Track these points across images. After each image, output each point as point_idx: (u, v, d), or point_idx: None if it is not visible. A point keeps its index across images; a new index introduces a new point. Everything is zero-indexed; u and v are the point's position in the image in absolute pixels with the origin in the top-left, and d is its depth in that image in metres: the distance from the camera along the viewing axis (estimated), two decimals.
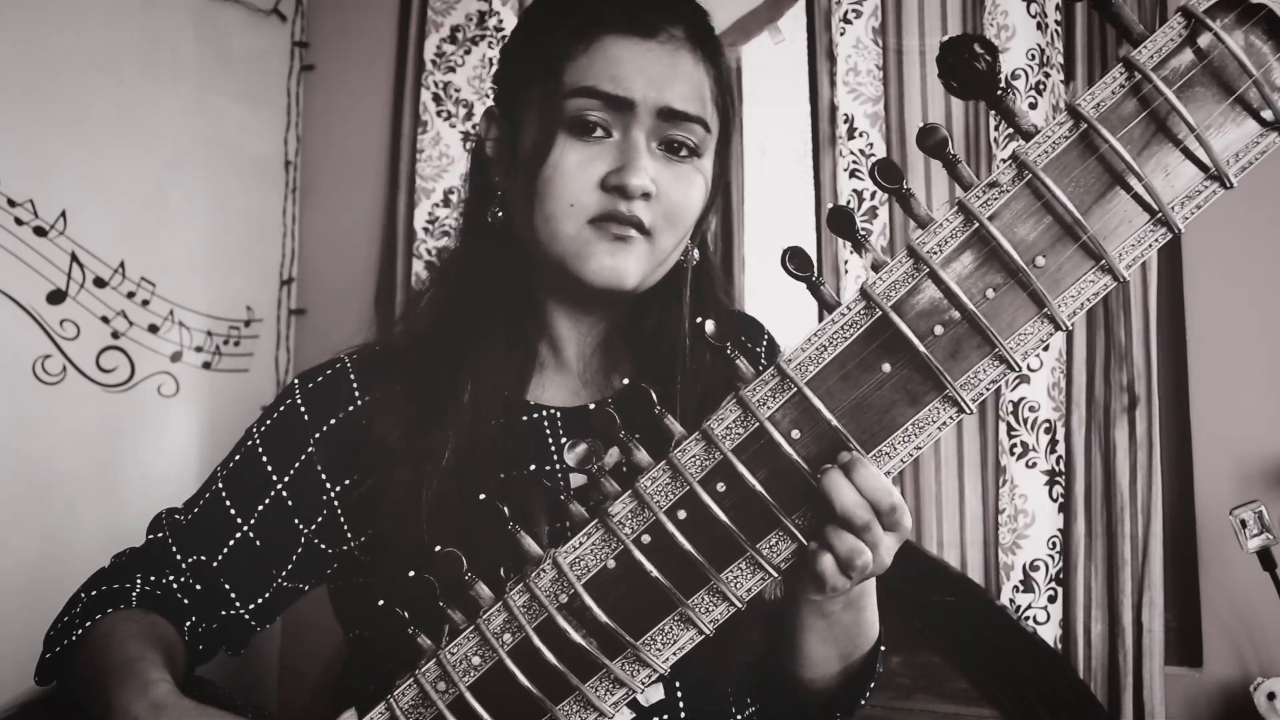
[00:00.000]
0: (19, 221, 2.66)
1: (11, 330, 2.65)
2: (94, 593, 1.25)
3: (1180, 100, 0.78)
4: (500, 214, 1.30)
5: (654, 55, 1.23)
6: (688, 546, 0.89)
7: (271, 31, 3.33)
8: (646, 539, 0.90)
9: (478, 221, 1.33)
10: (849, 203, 2.66)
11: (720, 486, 0.89)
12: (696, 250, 1.34)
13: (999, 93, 0.79)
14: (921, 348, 0.83)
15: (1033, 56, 2.48)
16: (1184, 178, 0.80)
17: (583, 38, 1.23)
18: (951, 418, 0.85)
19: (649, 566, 0.90)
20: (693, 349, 1.31)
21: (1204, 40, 0.78)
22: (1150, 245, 0.81)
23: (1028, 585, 2.42)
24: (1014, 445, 2.47)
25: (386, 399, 1.28)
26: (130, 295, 2.90)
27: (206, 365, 3.10)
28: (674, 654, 0.92)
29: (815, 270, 0.85)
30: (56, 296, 2.74)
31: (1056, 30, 2.50)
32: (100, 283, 2.83)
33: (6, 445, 2.63)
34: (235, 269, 3.20)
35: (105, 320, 2.84)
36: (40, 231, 2.70)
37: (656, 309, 1.34)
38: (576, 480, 1.26)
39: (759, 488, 0.87)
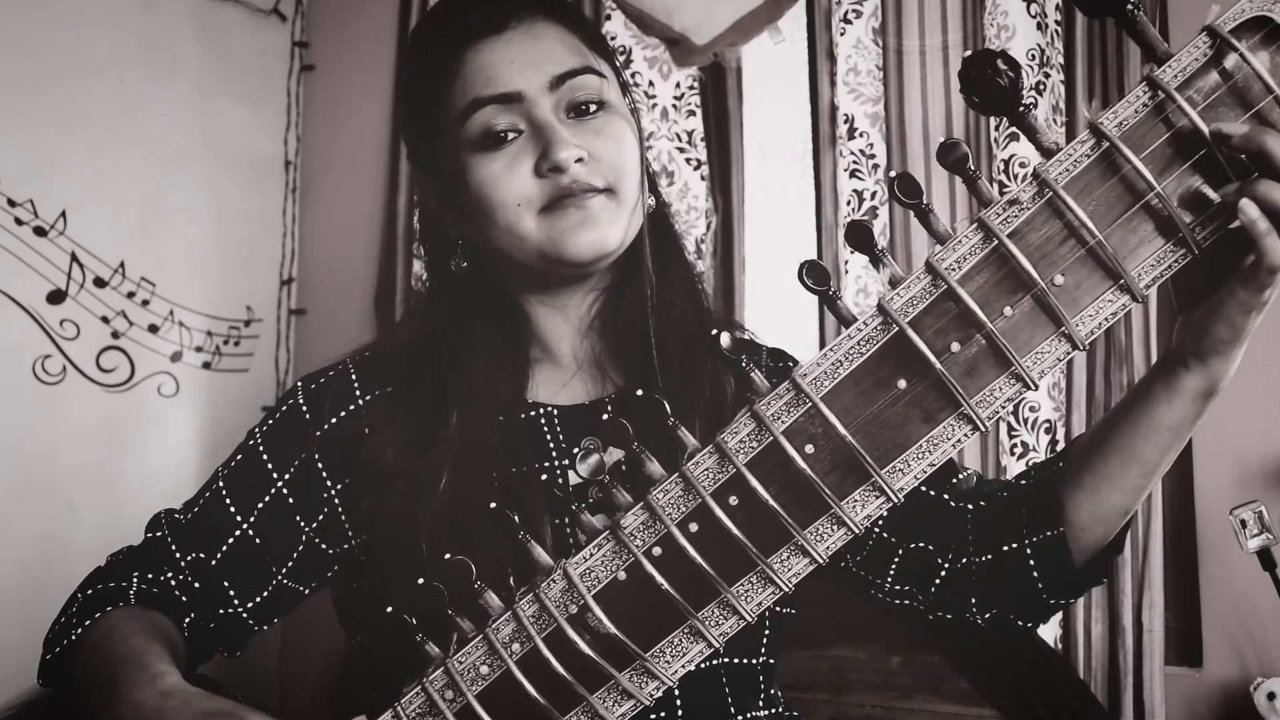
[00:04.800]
0: (19, 221, 2.66)
1: (11, 330, 2.65)
2: (90, 592, 1.25)
3: (1204, 120, 0.77)
4: (464, 264, 1.34)
5: (515, 43, 1.26)
6: (699, 560, 0.88)
7: (271, 31, 3.33)
8: (658, 551, 0.90)
9: (443, 274, 1.37)
10: (849, 203, 2.66)
11: (733, 500, 0.88)
12: (652, 197, 1.36)
13: (1021, 109, 0.79)
14: (938, 365, 0.83)
15: (1033, 56, 2.48)
16: (1206, 198, 0.80)
17: (450, 63, 1.27)
18: (966, 435, 0.85)
19: (660, 579, 0.89)
20: (664, 311, 1.33)
21: (1229, 61, 0.78)
22: (1171, 265, 0.81)
23: None
24: (1014, 445, 2.47)
25: (383, 413, 1.29)
26: (130, 295, 2.90)
27: (206, 365, 3.10)
28: (683, 666, 0.92)
29: (831, 284, 0.85)
30: (56, 296, 2.74)
31: (1056, 30, 2.50)
32: (100, 283, 2.83)
33: (7, 445, 2.63)
34: (235, 269, 3.20)
35: (105, 320, 2.84)
36: (40, 231, 2.70)
37: (632, 281, 1.36)
38: (575, 479, 1.27)
39: (772, 502, 0.87)
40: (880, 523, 1.33)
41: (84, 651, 1.17)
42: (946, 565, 1.31)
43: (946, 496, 1.33)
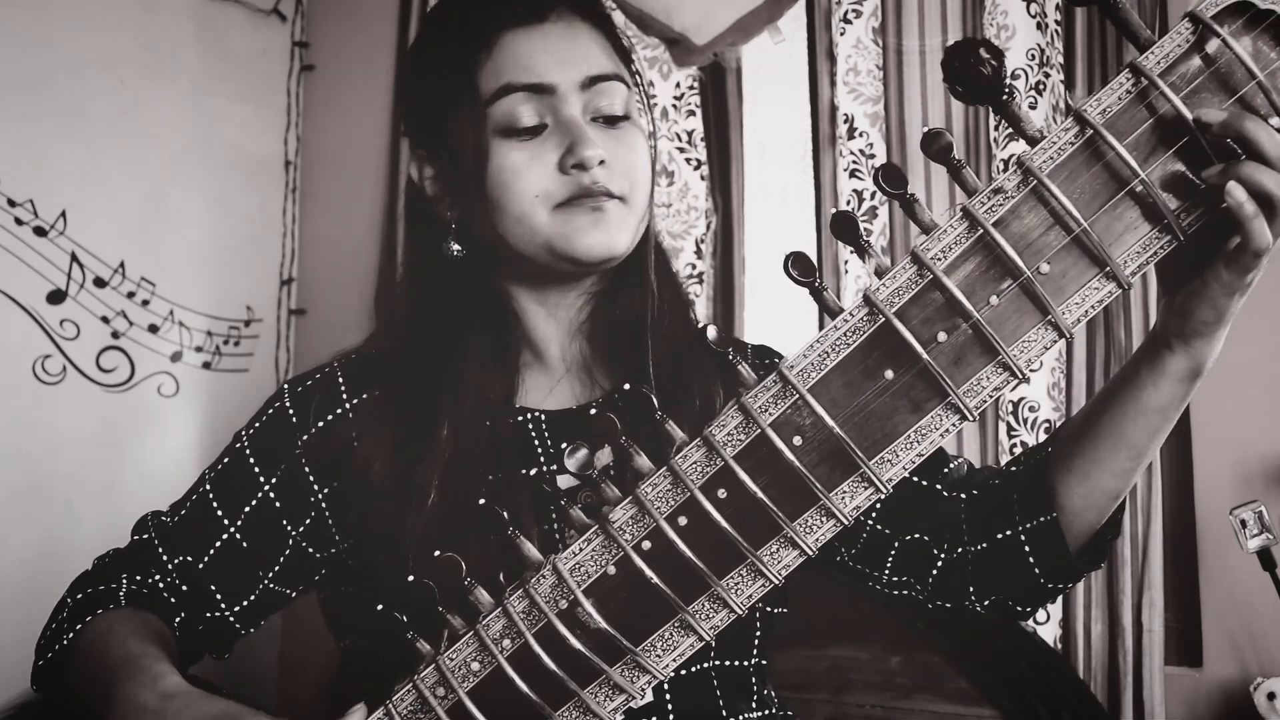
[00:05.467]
0: (19, 221, 2.66)
1: (11, 330, 2.66)
2: (80, 596, 1.25)
3: (1187, 107, 0.77)
4: (455, 247, 1.31)
5: (554, 37, 1.27)
6: (688, 553, 0.88)
7: (271, 31, 3.33)
8: (647, 545, 0.90)
9: (431, 258, 1.34)
10: (849, 203, 2.66)
11: (721, 493, 0.88)
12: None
13: (1004, 98, 0.79)
14: (925, 355, 0.83)
15: (1033, 56, 2.48)
16: (1190, 184, 0.80)
17: (483, 44, 1.26)
18: (954, 425, 0.85)
19: (649, 573, 0.89)
20: (658, 320, 1.33)
21: (1212, 46, 0.78)
22: (1155, 253, 0.81)
23: None
24: (1014, 445, 2.46)
25: (371, 418, 1.29)
26: (130, 295, 2.90)
27: (206, 365, 3.10)
28: (674, 660, 0.92)
29: (818, 275, 0.85)
30: (56, 296, 2.74)
31: (1056, 30, 2.50)
32: (100, 283, 2.83)
33: (7, 445, 2.64)
34: (235, 269, 3.20)
35: (105, 320, 2.85)
36: (40, 231, 2.70)
37: (627, 285, 1.35)
38: (564, 482, 1.26)
39: (761, 494, 0.87)
40: (874, 515, 1.33)
41: (78, 655, 1.17)
42: (943, 555, 1.31)
43: (939, 486, 1.33)
